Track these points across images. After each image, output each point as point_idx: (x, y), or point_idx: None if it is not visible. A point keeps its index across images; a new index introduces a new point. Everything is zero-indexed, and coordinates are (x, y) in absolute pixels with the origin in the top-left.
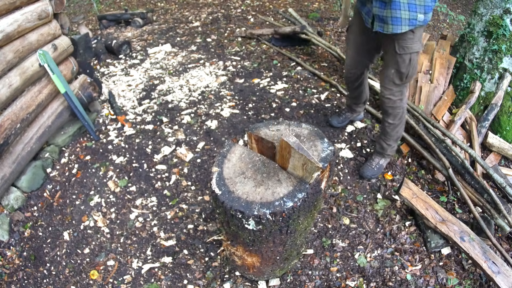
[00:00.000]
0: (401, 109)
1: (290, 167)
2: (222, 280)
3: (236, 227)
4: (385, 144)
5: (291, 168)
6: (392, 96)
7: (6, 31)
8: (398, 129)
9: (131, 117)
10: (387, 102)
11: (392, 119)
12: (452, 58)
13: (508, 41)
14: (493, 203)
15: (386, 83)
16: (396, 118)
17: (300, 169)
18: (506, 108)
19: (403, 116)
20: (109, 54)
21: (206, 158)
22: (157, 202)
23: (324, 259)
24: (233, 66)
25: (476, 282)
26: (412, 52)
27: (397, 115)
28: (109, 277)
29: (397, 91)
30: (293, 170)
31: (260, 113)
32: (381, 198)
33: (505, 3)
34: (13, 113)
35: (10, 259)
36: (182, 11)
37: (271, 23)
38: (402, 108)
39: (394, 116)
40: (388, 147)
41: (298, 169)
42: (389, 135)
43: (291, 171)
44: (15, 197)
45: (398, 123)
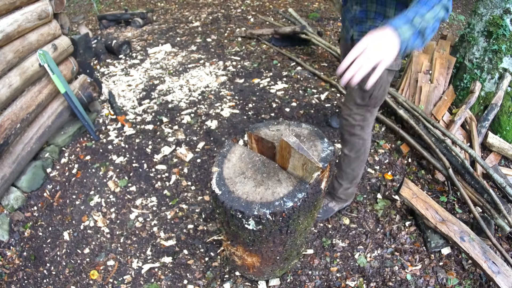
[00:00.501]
0: (360, 140)
1: (290, 167)
2: (222, 280)
3: (236, 227)
4: (337, 183)
5: (291, 168)
6: (351, 118)
7: (6, 31)
8: (354, 166)
9: (131, 117)
10: (344, 123)
11: (348, 149)
12: (452, 58)
13: (508, 41)
14: (493, 203)
15: (346, 100)
16: (353, 149)
17: (300, 169)
18: (506, 108)
19: (363, 151)
20: (109, 54)
21: (206, 158)
22: (157, 202)
23: (324, 259)
24: (233, 66)
25: (476, 282)
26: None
27: (354, 145)
28: (109, 277)
29: (357, 113)
30: (293, 170)
31: (260, 113)
32: (381, 198)
33: (505, 3)
34: (13, 113)
35: (10, 259)
36: (182, 11)
37: (271, 23)
38: (363, 140)
39: (351, 145)
40: (339, 188)
41: (298, 169)
42: (343, 171)
43: (291, 171)
44: (15, 197)
45: (354, 157)
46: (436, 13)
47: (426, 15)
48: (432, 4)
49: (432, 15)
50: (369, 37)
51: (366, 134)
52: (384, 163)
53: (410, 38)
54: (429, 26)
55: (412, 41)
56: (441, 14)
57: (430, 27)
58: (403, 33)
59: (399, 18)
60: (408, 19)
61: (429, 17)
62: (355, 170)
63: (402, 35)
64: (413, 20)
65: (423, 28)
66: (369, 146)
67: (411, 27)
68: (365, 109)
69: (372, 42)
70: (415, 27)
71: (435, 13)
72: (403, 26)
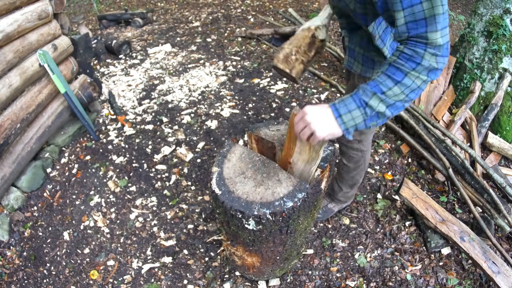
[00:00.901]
0: (359, 153)
1: (296, 151)
2: (222, 280)
3: (236, 227)
4: (337, 186)
5: (298, 152)
6: None
7: (6, 31)
8: (353, 174)
9: (131, 117)
10: (341, 138)
11: (347, 160)
12: (452, 58)
13: (508, 41)
14: (493, 203)
15: None
16: (352, 161)
17: (307, 150)
18: (506, 108)
19: (362, 161)
20: (109, 54)
21: (206, 158)
22: (157, 202)
23: (324, 259)
24: (233, 66)
25: (476, 282)
26: None
27: (352, 157)
28: (109, 277)
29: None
30: (299, 155)
31: (260, 113)
32: (381, 198)
33: (505, 3)
34: (13, 113)
35: (10, 259)
36: (182, 11)
37: (271, 23)
38: (361, 152)
39: (349, 158)
40: (339, 191)
41: (304, 150)
42: (342, 178)
43: (295, 159)
44: (15, 197)
45: (353, 168)
46: (410, 83)
47: (392, 89)
48: (404, 73)
49: (402, 89)
50: (306, 109)
51: (365, 146)
52: (384, 163)
53: (361, 123)
54: (398, 101)
55: (368, 123)
56: (422, 79)
57: (401, 102)
58: (347, 120)
59: (351, 97)
60: (360, 101)
61: (397, 91)
62: (355, 177)
63: (346, 123)
64: (369, 102)
65: (385, 106)
66: (369, 156)
67: (362, 115)
68: None
69: (306, 116)
70: (370, 111)
71: (408, 85)
72: (351, 112)
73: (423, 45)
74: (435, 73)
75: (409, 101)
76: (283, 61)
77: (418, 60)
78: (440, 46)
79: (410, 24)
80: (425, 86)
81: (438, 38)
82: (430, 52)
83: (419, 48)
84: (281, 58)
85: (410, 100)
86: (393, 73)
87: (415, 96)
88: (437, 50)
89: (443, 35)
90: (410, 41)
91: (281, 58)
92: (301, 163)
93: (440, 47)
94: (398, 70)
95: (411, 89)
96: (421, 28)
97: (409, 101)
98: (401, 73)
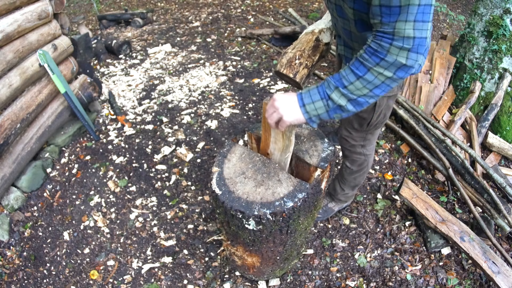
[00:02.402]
0: (362, 156)
1: (272, 140)
2: (222, 280)
3: (236, 227)
4: (339, 187)
5: (273, 141)
6: (351, 139)
7: (6, 31)
8: (356, 176)
9: (131, 117)
10: (344, 143)
11: (350, 163)
12: (452, 58)
13: (508, 41)
14: (493, 203)
15: (344, 123)
16: (355, 164)
17: (281, 138)
18: (506, 108)
19: (365, 164)
20: (109, 54)
21: (206, 158)
22: (157, 202)
23: (324, 259)
24: (233, 66)
25: (476, 282)
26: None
27: (356, 161)
28: (109, 277)
29: (357, 136)
30: (275, 144)
31: (260, 113)
32: (381, 198)
33: (505, 3)
34: (13, 113)
35: (10, 259)
36: (182, 11)
37: (271, 23)
38: (365, 156)
39: (352, 161)
40: (341, 192)
41: (278, 138)
42: (345, 179)
43: (272, 149)
44: (15, 197)
45: (356, 170)
46: (372, 79)
47: (354, 84)
48: (367, 68)
49: (364, 83)
50: (275, 96)
51: (368, 150)
52: (384, 163)
53: (324, 113)
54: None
55: (331, 114)
56: (386, 76)
57: (364, 98)
58: (311, 110)
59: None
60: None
61: (359, 85)
62: (357, 179)
63: (309, 112)
64: (331, 95)
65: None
66: (372, 159)
67: (325, 106)
68: (365, 133)
69: (275, 101)
70: (332, 103)
71: (370, 80)
72: (314, 103)
73: (389, 38)
74: (404, 71)
75: (374, 97)
76: (286, 66)
77: (382, 55)
78: (410, 38)
79: (384, 9)
80: (393, 83)
81: (408, 28)
82: (396, 46)
83: (385, 42)
84: (285, 63)
85: (376, 96)
86: (357, 67)
87: (381, 92)
88: (406, 43)
89: (417, 28)
90: (378, 34)
91: (285, 63)
92: (277, 152)
93: (410, 40)
94: (361, 65)
95: (374, 85)
96: (393, 15)
97: (375, 97)
98: (363, 67)
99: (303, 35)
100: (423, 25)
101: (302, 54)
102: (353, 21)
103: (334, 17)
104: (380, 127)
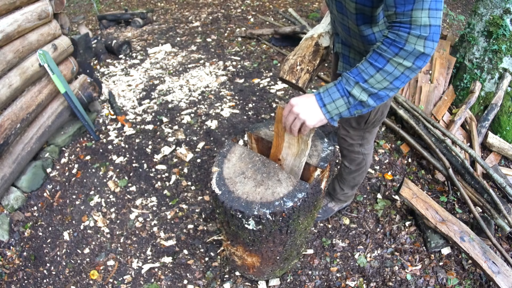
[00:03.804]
0: (360, 155)
1: (285, 145)
2: (222, 280)
3: (236, 227)
4: (338, 187)
5: (286, 146)
6: (349, 138)
7: (6, 31)
8: (354, 175)
9: (131, 117)
10: (342, 142)
11: (348, 163)
12: (452, 58)
13: (508, 41)
14: (493, 203)
15: (342, 122)
16: (353, 163)
17: (296, 142)
18: (506, 108)
19: (364, 164)
20: (109, 54)
21: (206, 158)
22: (157, 202)
23: (324, 259)
24: (233, 66)
25: (476, 282)
26: None
27: (354, 160)
28: (109, 277)
29: (354, 134)
30: (289, 149)
31: (260, 113)
32: (381, 198)
33: (505, 3)
34: (13, 113)
35: (10, 259)
36: (182, 11)
37: (271, 23)
38: (363, 155)
39: (350, 160)
40: (340, 192)
41: (293, 143)
42: (344, 179)
43: (285, 154)
44: (15, 197)
45: (355, 170)
46: (392, 70)
47: (374, 77)
48: (386, 59)
49: (384, 75)
50: (292, 101)
51: (366, 149)
52: (384, 163)
53: (345, 111)
54: (382, 90)
55: (352, 111)
56: (406, 66)
57: (385, 91)
58: (332, 109)
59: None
60: (343, 91)
61: (379, 78)
62: (356, 178)
63: (330, 112)
64: (352, 91)
65: (367, 95)
66: (371, 158)
67: (346, 104)
68: (363, 131)
69: (294, 107)
70: (353, 100)
71: (390, 71)
72: (335, 102)
73: (406, 28)
74: (422, 60)
75: (394, 89)
76: (288, 72)
77: (401, 45)
78: (426, 27)
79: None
80: (412, 74)
81: (424, 17)
82: (414, 35)
83: (402, 31)
84: (287, 69)
85: (396, 88)
86: (375, 59)
87: (401, 84)
88: (423, 31)
89: (432, 16)
90: (394, 25)
91: (287, 69)
92: (290, 158)
93: (426, 28)
94: (380, 56)
95: (394, 77)
96: (408, 4)
97: (395, 90)
98: (383, 59)
99: (303, 41)
100: (437, 13)
101: (302, 60)
102: (354, 15)
103: (333, 13)
104: (378, 126)
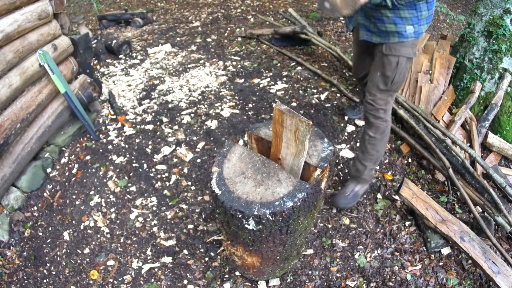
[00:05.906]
0: (384, 122)
1: (284, 145)
2: (222, 280)
3: (236, 227)
4: (361, 165)
5: (285, 147)
6: (375, 103)
7: (6, 31)
8: (378, 147)
9: (131, 117)
10: (369, 108)
11: (374, 131)
12: (452, 58)
13: (508, 41)
14: (493, 203)
15: (370, 87)
16: (378, 131)
17: (293, 142)
18: (506, 108)
19: (386, 132)
20: (109, 54)
21: (206, 158)
22: (157, 202)
23: (324, 259)
24: (233, 66)
25: (476, 282)
26: (401, 55)
27: (379, 127)
28: (109, 277)
29: (380, 98)
30: (287, 149)
31: (260, 113)
32: (381, 198)
33: (505, 3)
34: (13, 113)
35: (10, 259)
36: (182, 11)
37: (271, 23)
38: (386, 122)
39: (376, 128)
40: (365, 170)
41: (291, 143)
42: (367, 153)
43: (284, 154)
44: (15, 197)
45: (379, 139)
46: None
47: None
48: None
49: None
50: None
51: (388, 116)
52: (384, 163)
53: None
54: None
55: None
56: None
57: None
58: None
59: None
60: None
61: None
62: (379, 151)
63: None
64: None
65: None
66: (390, 128)
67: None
68: (387, 94)
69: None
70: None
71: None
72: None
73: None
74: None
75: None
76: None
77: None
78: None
79: None
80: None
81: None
82: None
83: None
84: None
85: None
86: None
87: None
88: None
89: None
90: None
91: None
92: (290, 157)
93: None
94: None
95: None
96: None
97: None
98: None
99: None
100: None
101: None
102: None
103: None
104: (398, 90)
